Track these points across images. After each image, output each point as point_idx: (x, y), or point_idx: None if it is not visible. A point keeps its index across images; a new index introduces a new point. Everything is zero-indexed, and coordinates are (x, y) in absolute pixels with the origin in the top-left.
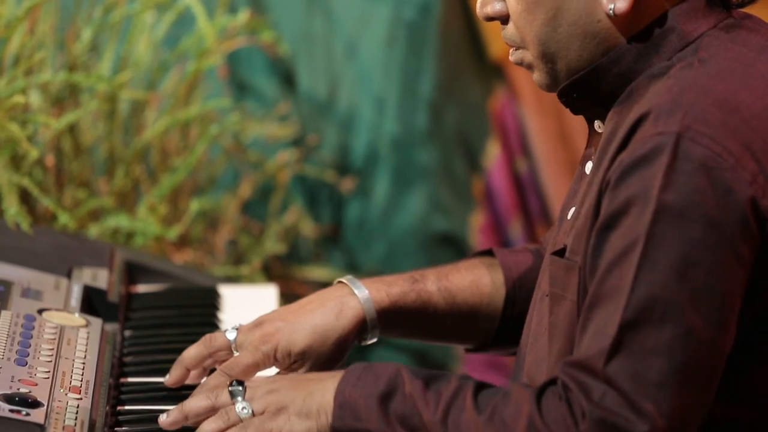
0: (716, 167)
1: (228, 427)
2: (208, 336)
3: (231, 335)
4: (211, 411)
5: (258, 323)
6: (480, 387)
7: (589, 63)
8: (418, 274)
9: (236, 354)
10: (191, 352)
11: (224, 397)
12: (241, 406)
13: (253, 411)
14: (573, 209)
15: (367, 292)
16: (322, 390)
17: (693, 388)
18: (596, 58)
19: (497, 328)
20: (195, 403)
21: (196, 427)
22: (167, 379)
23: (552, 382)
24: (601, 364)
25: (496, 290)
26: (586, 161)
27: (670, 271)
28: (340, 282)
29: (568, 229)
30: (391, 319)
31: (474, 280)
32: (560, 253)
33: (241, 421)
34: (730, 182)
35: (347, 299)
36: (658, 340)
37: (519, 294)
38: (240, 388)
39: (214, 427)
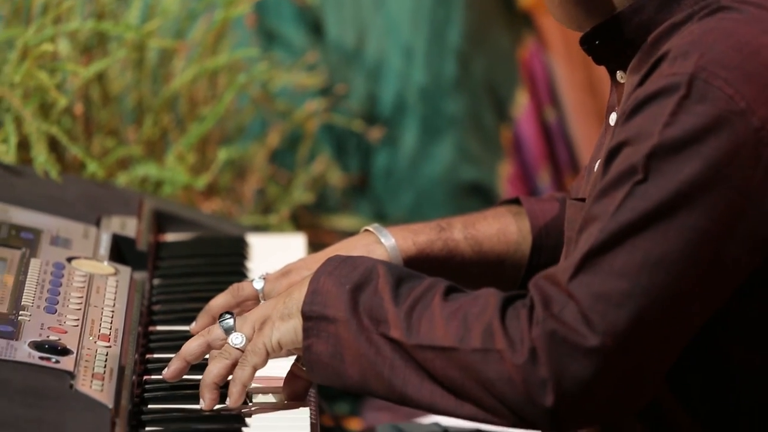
0: (725, 109)
1: (233, 363)
2: (235, 285)
3: (258, 284)
4: (207, 348)
5: (285, 272)
6: (452, 289)
7: (586, 26)
8: (445, 222)
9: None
10: (218, 301)
11: (216, 331)
12: (234, 337)
13: (246, 337)
14: (599, 162)
15: (393, 240)
16: (300, 288)
17: (652, 317)
18: (589, 23)
19: (524, 276)
20: (190, 344)
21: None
22: (193, 327)
23: (525, 294)
24: (567, 278)
25: (522, 238)
26: (610, 113)
27: (657, 202)
28: (366, 230)
29: (594, 182)
30: (418, 268)
31: (501, 229)
32: (581, 201)
33: (241, 352)
34: (735, 126)
35: (374, 248)
36: (627, 262)
37: (545, 242)
38: (229, 319)
39: (219, 366)
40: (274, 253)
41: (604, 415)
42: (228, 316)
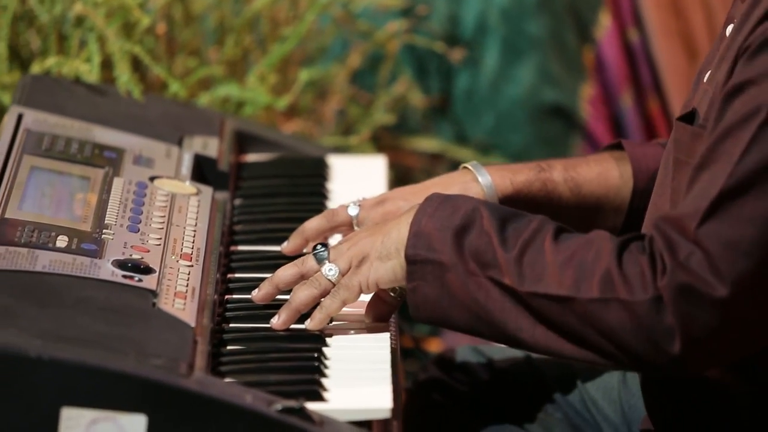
0: None
1: (321, 294)
2: (330, 210)
3: (353, 211)
4: (300, 278)
5: (380, 200)
6: (561, 230)
7: None
8: (545, 163)
9: (357, 230)
10: (313, 224)
11: (310, 262)
12: (327, 268)
13: (339, 270)
14: (709, 72)
15: (490, 179)
16: (398, 227)
17: None
18: None
19: (624, 220)
20: (283, 272)
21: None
22: (285, 247)
23: (639, 237)
24: (695, 225)
25: (624, 183)
26: (729, 23)
27: None
28: (464, 167)
29: (702, 93)
30: (514, 208)
31: (602, 173)
32: (688, 117)
33: (332, 284)
34: None
35: (470, 186)
36: (756, 209)
37: (648, 186)
38: (324, 251)
39: (307, 294)
40: (355, 175)
41: (728, 360)
42: (322, 248)
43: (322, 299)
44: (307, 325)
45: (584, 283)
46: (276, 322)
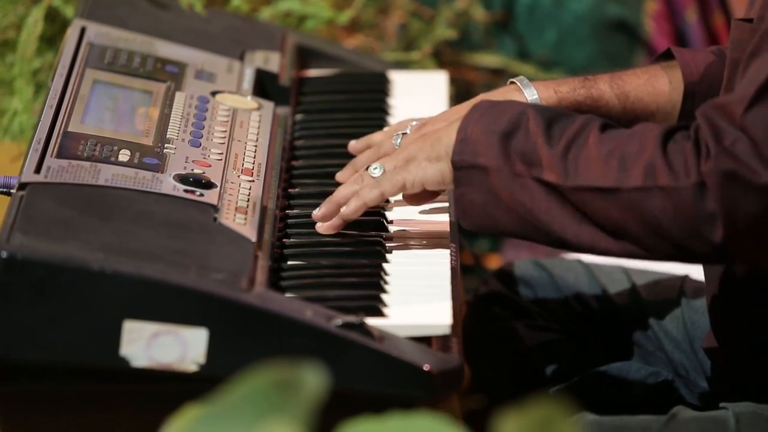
0: None
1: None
2: (376, 145)
3: (398, 141)
4: None
5: (422, 125)
6: (606, 126)
7: None
8: (592, 76)
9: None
10: (362, 159)
11: (367, 179)
12: (373, 167)
13: (385, 169)
14: None
15: (535, 92)
16: (448, 132)
17: None
18: None
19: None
20: (342, 191)
21: None
22: (339, 176)
23: (686, 126)
24: (741, 110)
25: (672, 88)
26: None
27: None
28: (512, 82)
29: (761, 3)
30: None
31: (649, 79)
32: (748, 21)
33: (375, 181)
34: None
35: (516, 99)
36: None
37: (699, 88)
38: (379, 167)
39: (350, 189)
40: (416, 90)
41: None
42: (376, 164)
43: (360, 187)
44: (342, 210)
45: (628, 172)
46: (317, 213)
